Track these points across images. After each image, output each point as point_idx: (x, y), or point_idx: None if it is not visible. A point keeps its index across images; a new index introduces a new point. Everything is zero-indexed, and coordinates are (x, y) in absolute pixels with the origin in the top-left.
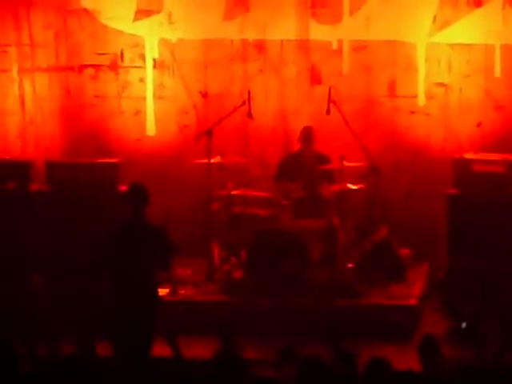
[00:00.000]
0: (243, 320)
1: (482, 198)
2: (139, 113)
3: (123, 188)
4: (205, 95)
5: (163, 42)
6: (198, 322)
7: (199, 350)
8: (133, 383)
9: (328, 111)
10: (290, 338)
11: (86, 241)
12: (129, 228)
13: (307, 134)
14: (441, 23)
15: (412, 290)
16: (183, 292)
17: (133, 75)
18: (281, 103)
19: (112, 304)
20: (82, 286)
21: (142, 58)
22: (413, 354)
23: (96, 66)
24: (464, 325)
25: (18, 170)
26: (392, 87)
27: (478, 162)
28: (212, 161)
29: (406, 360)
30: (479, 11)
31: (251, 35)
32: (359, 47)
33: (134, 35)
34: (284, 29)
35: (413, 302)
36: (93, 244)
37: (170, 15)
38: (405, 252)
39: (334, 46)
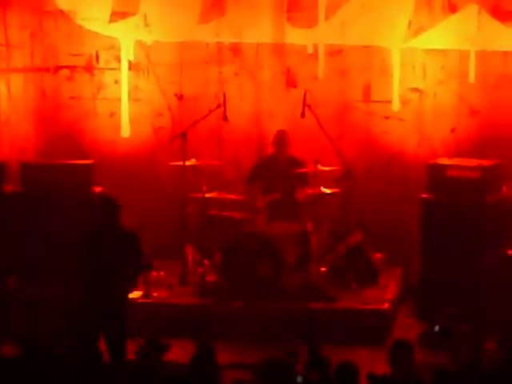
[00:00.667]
0: (217, 323)
1: (455, 204)
2: (114, 114)
3: (96, 190)
4: (180, 98)
5: (139, 44)
6: (172, 324)
7: (173, 352)
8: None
9: (303, 115)
10: (262, 341)
11: (59, 242)
12: (99, 235)
13: (281, 138)
14: (416, 29)
15: (385, 294)
16: (156, 294)
17: (108, 77)
18: (256, 106)
19: (82, 306)
20: (54, 287)
21: (118, 59)
22: (385, 357)
23: (71, 67)
24: (437, 328)
25: None
26: (367, 92)
27: (452, 168)
28: (187, 163)
29: (378, 364)
30: (454, 17)
31: (227, 38)
32: (334, 52)
33: (109, 37)
34: (259, 32)
35: (385, 306)
36: (67, 245)
37: (145, 17)
38: (378, 256)
39: (310, 50)
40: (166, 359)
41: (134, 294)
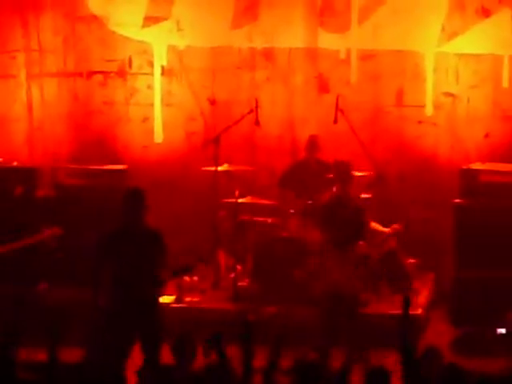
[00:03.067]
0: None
1: (489, 209)
2: (147, 120)
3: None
4: (212, 102)
5: (171, 49)
6: (204, 329)
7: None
8: None
9: (335, 120)
10: (295, 346)
11: (91, 248)
12: (124, 234)
13: (313, 143)
14: (449, 33)
15: (418, 300)
16: (189, 299)
17: (141, 82)
18: (288, 111)
19: (109, 311)
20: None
21: (150, 64)
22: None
23: (104, 73)
24: (502, 331)
25: (24, 175)
26: (400, 97)
27: (486, 173)
28: (219, 168)
29: None
30: (488, 21)
31: (259, 43)
32: (367, 56)
33: (142, 42)
34: (292, 37)
35: (418, 311)
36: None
37: (178, 22)
38: (411, 261)
39: (342, 55)
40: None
41: (167, 299)
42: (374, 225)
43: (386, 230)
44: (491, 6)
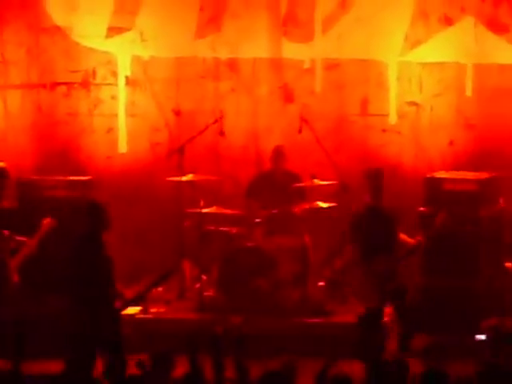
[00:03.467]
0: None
1: (452, 217)
2: (111, 130)
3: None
4: (177, 113)
5: (135, 60)
6: (170, 339)
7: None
8: None
9: (300, 130)
10: (261, 356)
11: (56, 258)
12: (86, 246)
13: (279, 153)
14: (412, 42)
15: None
16: (155, 310)
17: (105, 92)
18: (253, 121)
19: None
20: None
21: (114, 75)
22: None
23: (68, 84)
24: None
25: None
26: (364, 106)
27: (449, 181)
28: (184, 179)
29: None
30: (451, 30)
31: (223, 53)
32: (331, 66)
33: (106, 52)
34: (256, 47)
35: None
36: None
37: (142, 33)
38: None
39: (307, 65)
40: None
41: (133, 310)
42: (403, 236)
43: (412, 241)
44: (454, 15)
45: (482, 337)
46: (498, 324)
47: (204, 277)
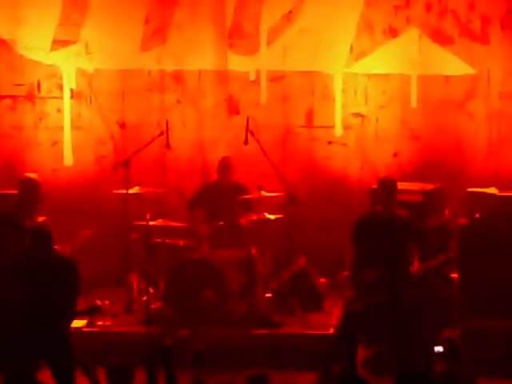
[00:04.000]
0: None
1: None
2: (56, 143)
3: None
4: (122, 125)
5: (80, 73)
6: (117, 353)
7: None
8: None
9: (246, 142)
10: (207, 367)
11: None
12: (32, 262)
13: (225, 165)
14: (357, 53)
15: (330, 320)
16: (101, 323)
17: (50, 106)
18: (199, 133)
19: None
20: None
21: (60, 88)
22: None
23: (13, 97)
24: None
25: None
26: (309, 117)
27: None
28: (130, 191)
29: None
30: (395, 41)
31: (169, 66)
32: (277, 77)
33: (51, 65)
34: (201, 59)
35: (331, 331)
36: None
37: (87, 45)
38: (322, 281)
39: (252, 77)
40: None
41: (79, 323)
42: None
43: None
44: (399, 26)
45: (440, 349)
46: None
47: (151, 289)
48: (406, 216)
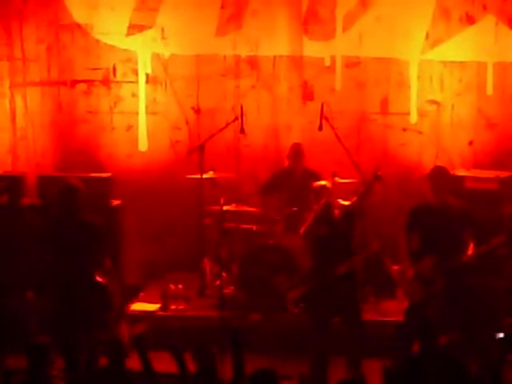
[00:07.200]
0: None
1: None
2: (131, 128)
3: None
4: (197, 111)
5: (156, 57)
6: (189, 337)
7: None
8: None
9: (320, 127)
10: (279, 354)
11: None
12: (58, 228)
13: (296, 151)
14: (433, 40)
15: (402, 306)
16: (174, 307)
17: (125, 90)
18: (273, 119)
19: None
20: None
21: (135, 72)
22: None
23: (88, 81)
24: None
25: (9, 183)
26: (384, 104)
27: (470, 179)
28: (204, 176)
29: None
30: (472, 28)
31: (244, 51)
32: (352, 64)
33: (126, 50)
34: (276, 45)
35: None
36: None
37: (162, 30)
38: (396, 268)
39: (327, 63)
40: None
41: (152, 307)
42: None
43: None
44: (475, 13)
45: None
46: None
47: (224, 274)
48: (461, 204)
